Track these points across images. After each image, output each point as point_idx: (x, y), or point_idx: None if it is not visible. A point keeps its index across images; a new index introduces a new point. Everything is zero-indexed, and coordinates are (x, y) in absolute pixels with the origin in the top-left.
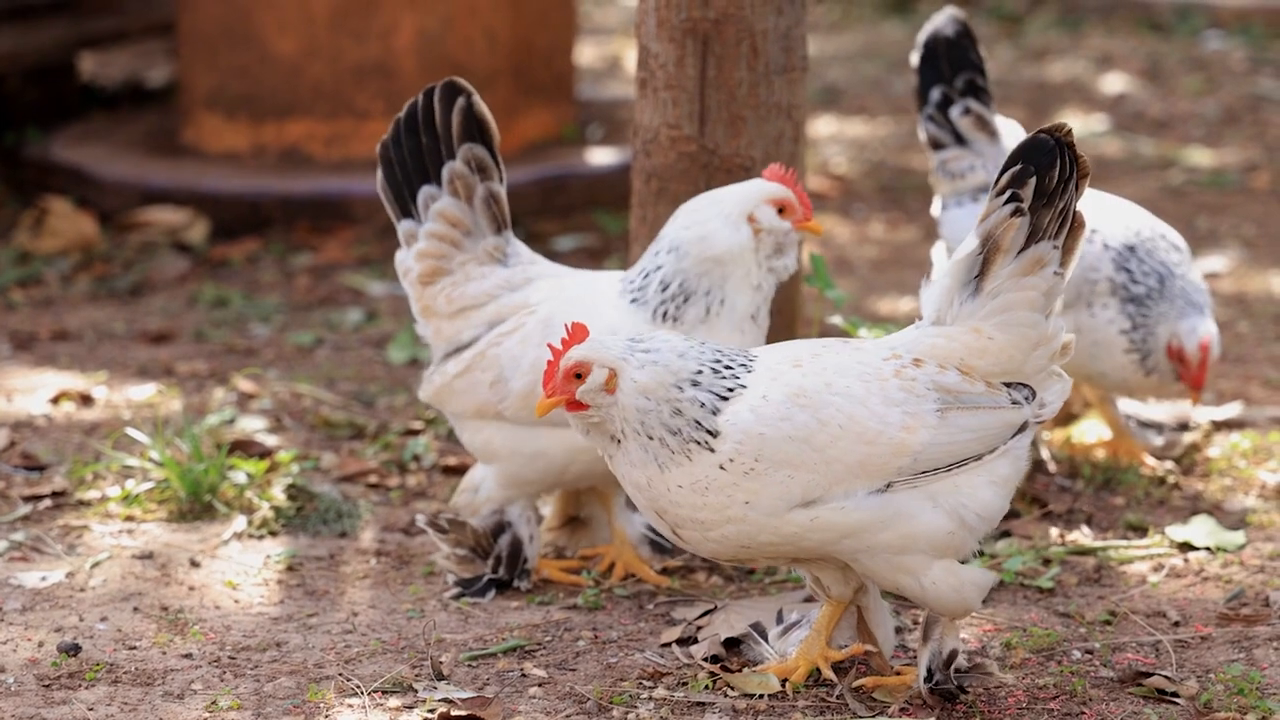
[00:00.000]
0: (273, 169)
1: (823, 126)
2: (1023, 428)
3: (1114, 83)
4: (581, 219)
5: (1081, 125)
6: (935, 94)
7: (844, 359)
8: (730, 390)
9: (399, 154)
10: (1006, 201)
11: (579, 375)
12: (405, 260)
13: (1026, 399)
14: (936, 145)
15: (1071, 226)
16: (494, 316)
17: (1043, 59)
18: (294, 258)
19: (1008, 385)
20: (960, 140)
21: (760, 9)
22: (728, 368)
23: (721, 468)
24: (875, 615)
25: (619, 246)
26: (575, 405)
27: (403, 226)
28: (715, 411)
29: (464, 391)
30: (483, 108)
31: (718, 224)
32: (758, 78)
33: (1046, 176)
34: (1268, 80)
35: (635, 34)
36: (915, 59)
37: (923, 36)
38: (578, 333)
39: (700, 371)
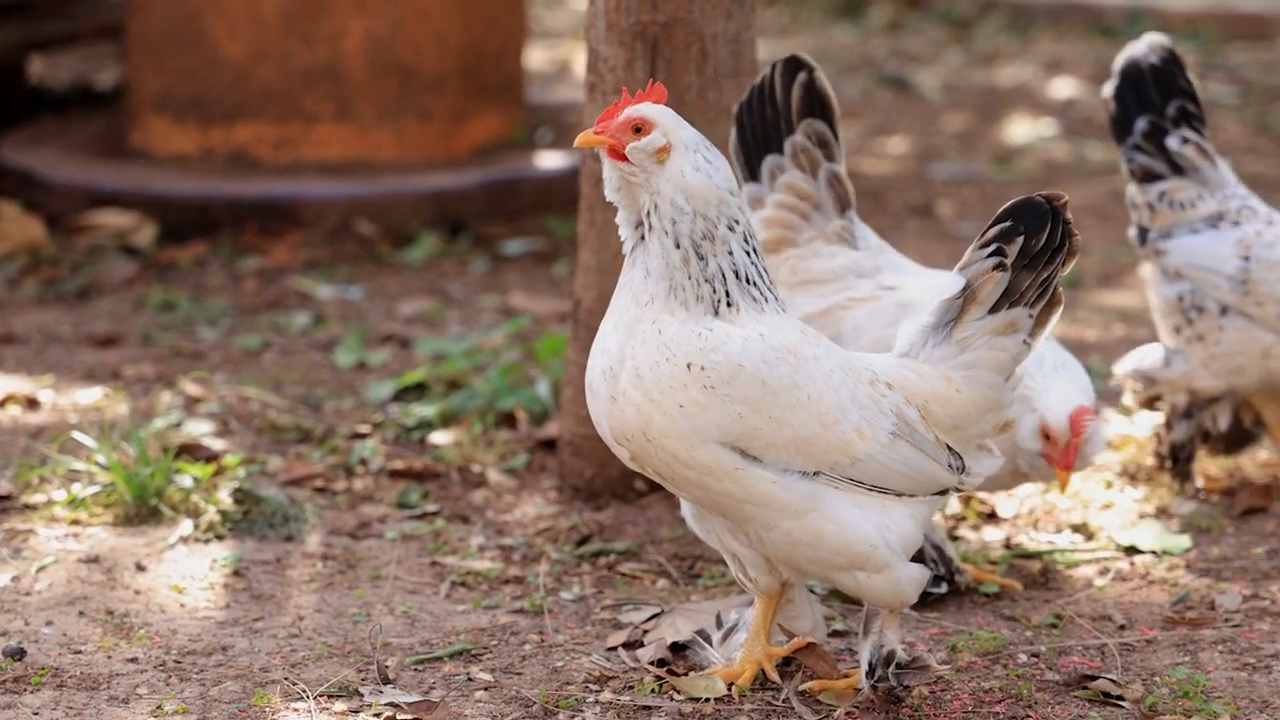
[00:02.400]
0: (221, 172)
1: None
2: (944, 491)
3: (1063, 87)
4: (530, 223)
5: (1030, 130)
6: (1142, 124)
7: (836, 350)
8: (747, 302)
9: (750, 119)
10: (991, 255)
11: (638, 130)
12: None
13: (959, 469)
14: (1149, 177)
15: (1049, 301)
16: (838, 295)
17: (992, 64)
18: (242, 261)
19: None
20: (1178, 170)
21: (710, 13)
22: (759, 284)
23: (689, 366)
24: (799, 606)
25: (568, 250)
26: (618, 154)
27: (750, 190)
28: (728, 303)
29: None
30: (824, 83)
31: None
32: (707, 81)
33: (1034, 239)
34: (1217, 85)
35: (585, 37)
36: (1111, 87)
37: (1120, 64)
38: (655, 92)
39: (746, 238)
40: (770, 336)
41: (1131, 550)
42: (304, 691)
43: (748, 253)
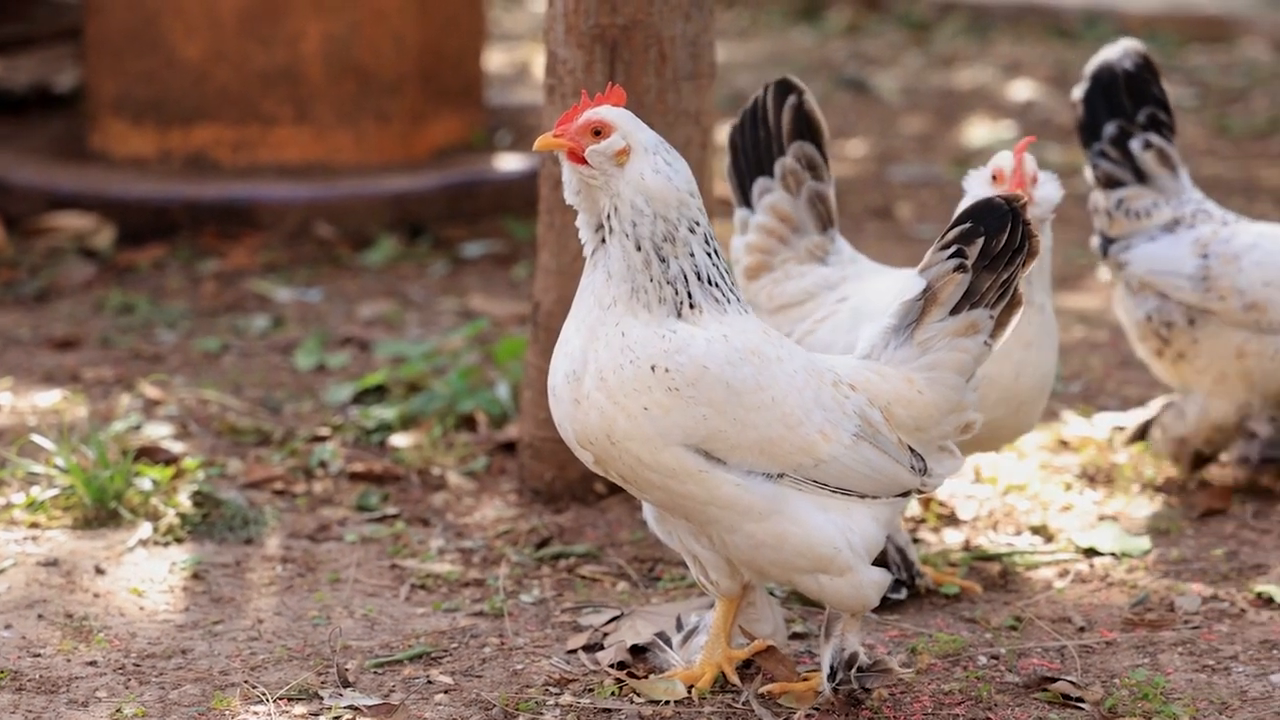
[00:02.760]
0: (179, 174)
1: (734, 123)
2: (907, 493)
3: (1022, 90)
4: (490, 225)
5: (990, 132)
6: (1110, 129)
7: (799, 352)
8: (709, 303)
9: (743, 142)
10: (951, 256)
11: (597, 133)
12: (736, 250)
13: (921, 471)
14: (1111, 183)
15: (1010, 302)
16: (805, 322)
17: (951, 66)
18: (201, 264)
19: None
20: (1141, 177)
21: (668, 15)
22: (720, 285)
23: (653, 369)
24: (760, 609)
25: (527, 253)
26: (577, 158)
27: (739, 214)
28: (691, 304)
29: None
30: (813, 105)
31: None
32: (665, 84)
33: (994, 240)
34: (1175, 87)
35: (544, 40)
36: (1081, 90)
37: (1092, 68)
38: (615, 95)
39: (706, 240)
40: (734, 338)
41: (1091, 552)
42: (264, 694)
43: (709, 254)
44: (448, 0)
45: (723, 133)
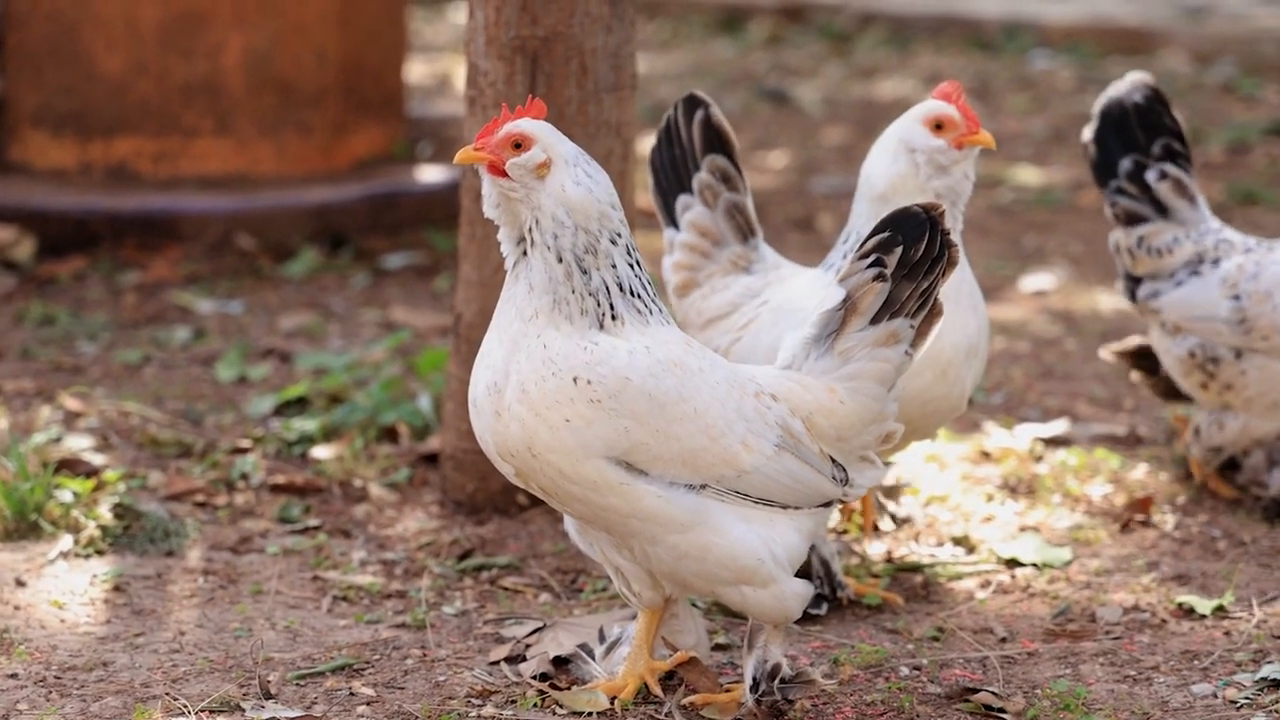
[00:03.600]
0: (100, 186)
1: (652, 145)
2: (829, 504)
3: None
4: (412, 236)
5: None
6: (1126, 164)
7: (721, 362)
8: (631, 314)
9: (661, 162)
10: (870, 265)
11: (518, 146)
12: (666, 271)
13: (843, 481)
14: (1132, 220)
15: (930, 312)
16: (730, 334)
17: (872, 77)
18: (122, 275)
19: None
20: (1161, 210)
21: (589, 27)
22: (642, 296)
23: (575, 381)
24: (683, 620)
25: (449, 264)
26: (498, 170)
27: (666, 235)
28: (613, 315)
29: None
30: (720, 118)
31: (876, 159)
32: (587, 95)
33: (913, 249)
34: (1094, 99)
35: (465, 51)
36: (1091, 130)
37: (1101, 104)
38: (535, 108)
39: (628, 251)
40: (656, 349)
41: (1013, 563)
42: (185, 707)
43: (631, 265)
44: (369, 12)
45: (645, 144)
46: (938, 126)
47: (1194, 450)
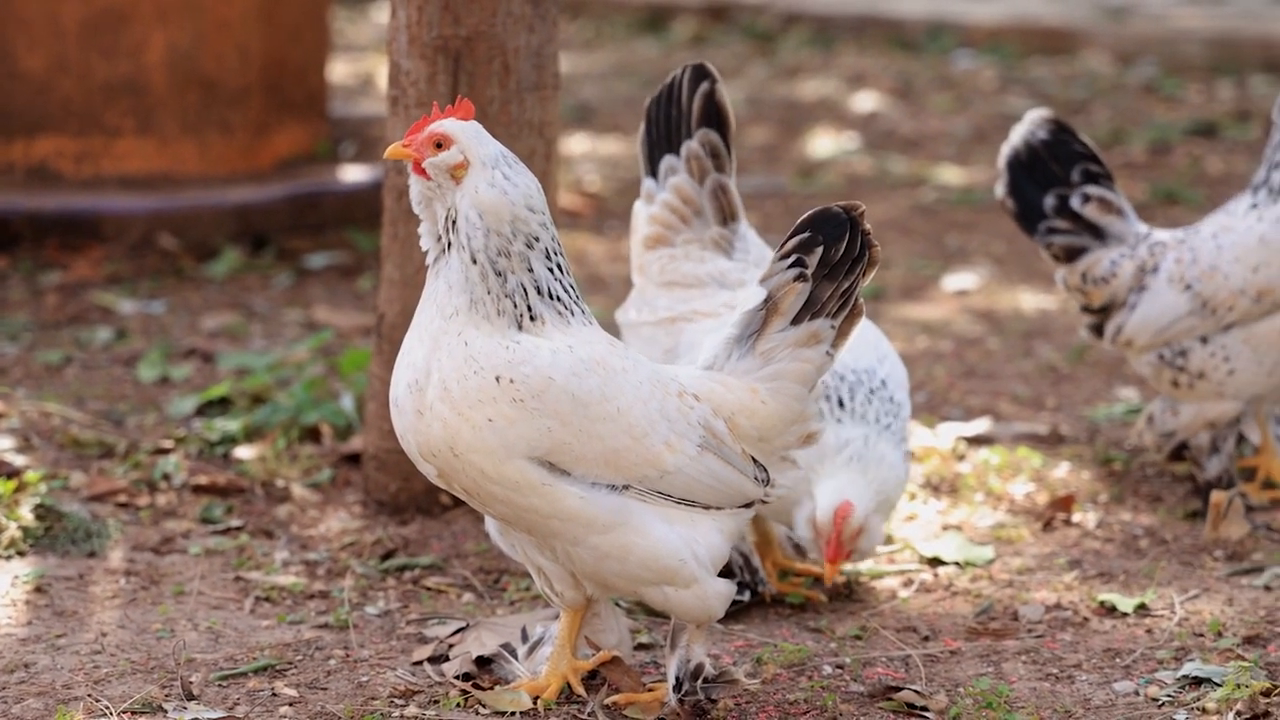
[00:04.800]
0: (21, 186)
1: (576, 144)
2: (750, 504)
3: (865, 101)
4: (334, 236)
5: (833, 144)
6: (1050, 200)
7: (644, 362)
8: (551, 315)
9: (657, 115)
10: (791, 265)
11: (439, 145)
12: (638, 217)
13: (764, 481)
14: (1073, 254)
15: (851, 312)
16: (695, 302)
17: (795, 77)
18: (43, 275)
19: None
20: (1096, 234)
21: (512, 27)
22: (563, 299)
23: (497, 379)
24: (605, 620)
25: (372, 264)
26: (421, 170)
27: (644, 184)
28: (531, 316)
29: (637, 343)
30: (724, 97)
31: None
32: (509, 95)
33: (833, 249)
34: (1017, 99)
35: (387, 51)
36: (1002, 187)
37: (1003, 159)
38: (463, 108)
39: (548, 254)
40: (579, 348)
41: (935, 562)
42: (107, 708)
43: (551, 269)
44: (292, 11)
45: (568, 144)
46: (814, 528)
47: (1147, 437)
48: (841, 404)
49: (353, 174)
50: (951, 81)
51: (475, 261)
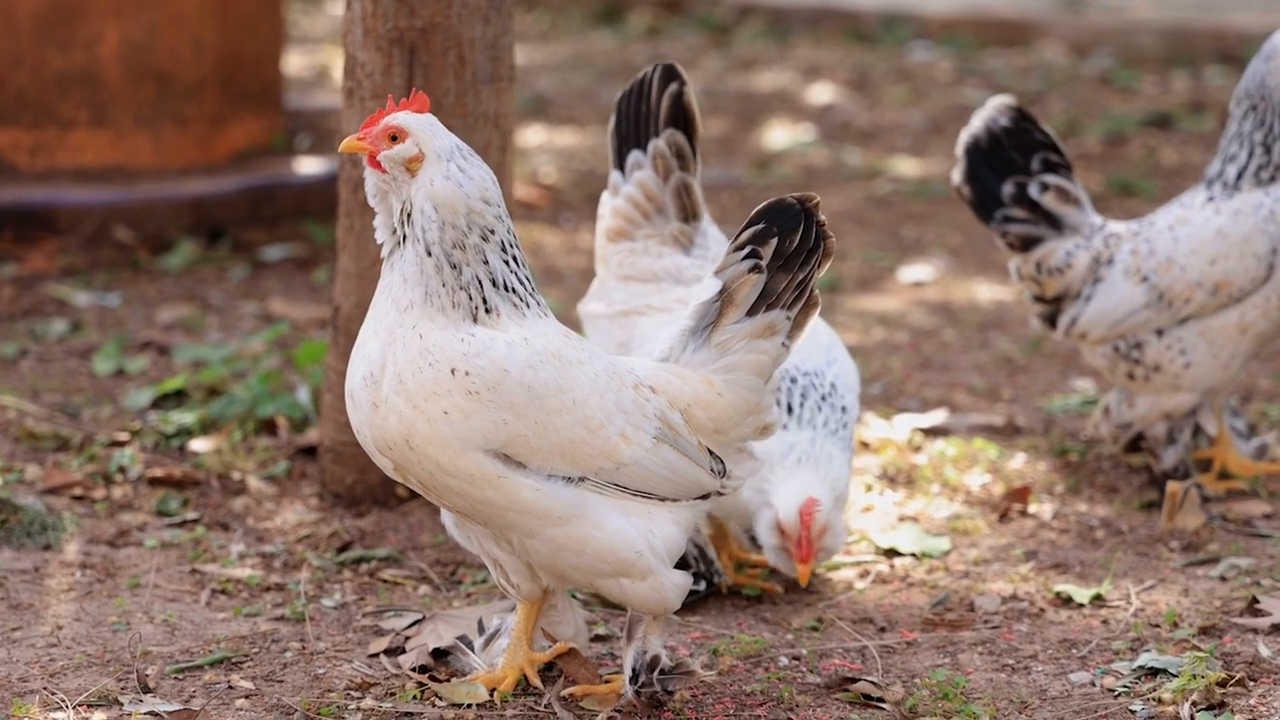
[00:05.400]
0: None
1: (531, 136)
2: (706, 496)
3: (821, 93)
4: (290, 228)
5: (789, 136)
6: (1009, 188)
7: (600, 354)
8: (507, 308)
9: (627, 109)
10: (746, 257)
11: (394, 138)
12: (603, 208)
13: (720, 473)
14: (1028, 244)
15: (806, 303)
16: (651, 297)
17: (751, 69)
18: None
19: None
20: (1053, 223)
21: (467, 18)
22: (518, 291)
23: (452, 372)
24: (562, 612)
25: (328, 256)
26: (376, 163)
27: (613, 175)
28: (487, 309)
29: (594, 334)
30: (692, 99)
31: None
32: (465, 87)
33: (788, 239)
34: (973, 90)
35: (343, 43)
36: (959, 174)
37: (962, 145)
38: (418, 101)
39: (504, 246)
40: (535, 340)
41: (891, 553)
42: (63, 701)
43: (506, 261)
44: (247, 4)
45: (524, 136)
46: (781, 532)
47: (1103, 428)
48: (790, 410)
49: (308, 166)
50: (907, 73)
51: (430, 254)
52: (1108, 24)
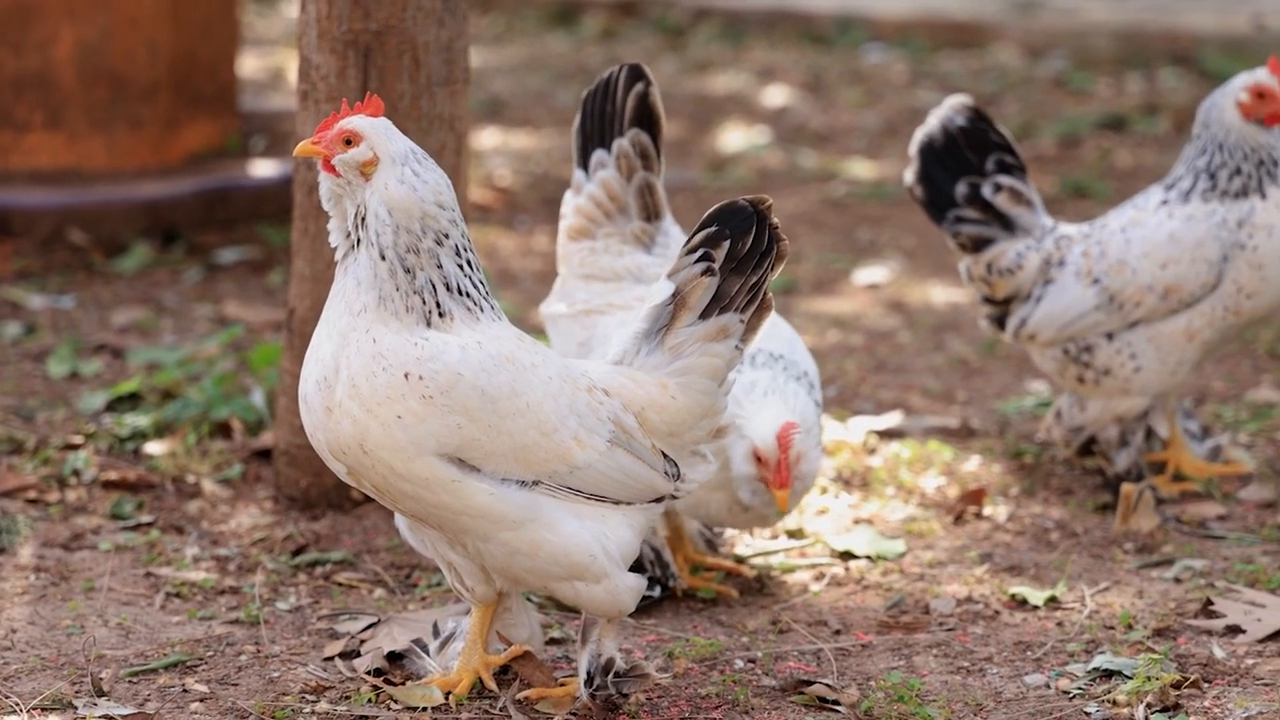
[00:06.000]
0: None
1: (486, 138)
2: (661, 499)
3: (776, 95)
4: (245, 231)
5: (744, 138)
6: (962, 188)
7: (554, 357)
8: (461, 312)
9: (592, 108)
10: (698, 260)
11: (348, 142)
12: (566, 206)
13: (674, 476)
14: (979, 245)
15: (760, 306)
16: (611, 295)
17: (706, 72)
18: None
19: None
20: (1006, 224)
21: (422, 21)
22: (472, 295)
23: (406, 376)
24: (516, 615)
25: (282, 259)
26: (330, 167)
27: (575, 175)
28: (440, 313)
29: (556, 335)
30: (657, 100)
31: None
32: (419, 90)
33: (740, 242)
34: (927, 92)
35: (297, 45)
36: (912, 174)
37: (917, 145)
38: (372, 104)
39: (458, 250)
40: (488, 344)
41: (846, 555)
42: (17, 705)
43: (460, 265)
44: (201, 6)
45: (478, 139)
46: (758, 460)
47: (1055, 432)
48: (748, 363)
49: (263, 169)
50: (862, 75)
51: (384, 258)
52: (1061, 26)
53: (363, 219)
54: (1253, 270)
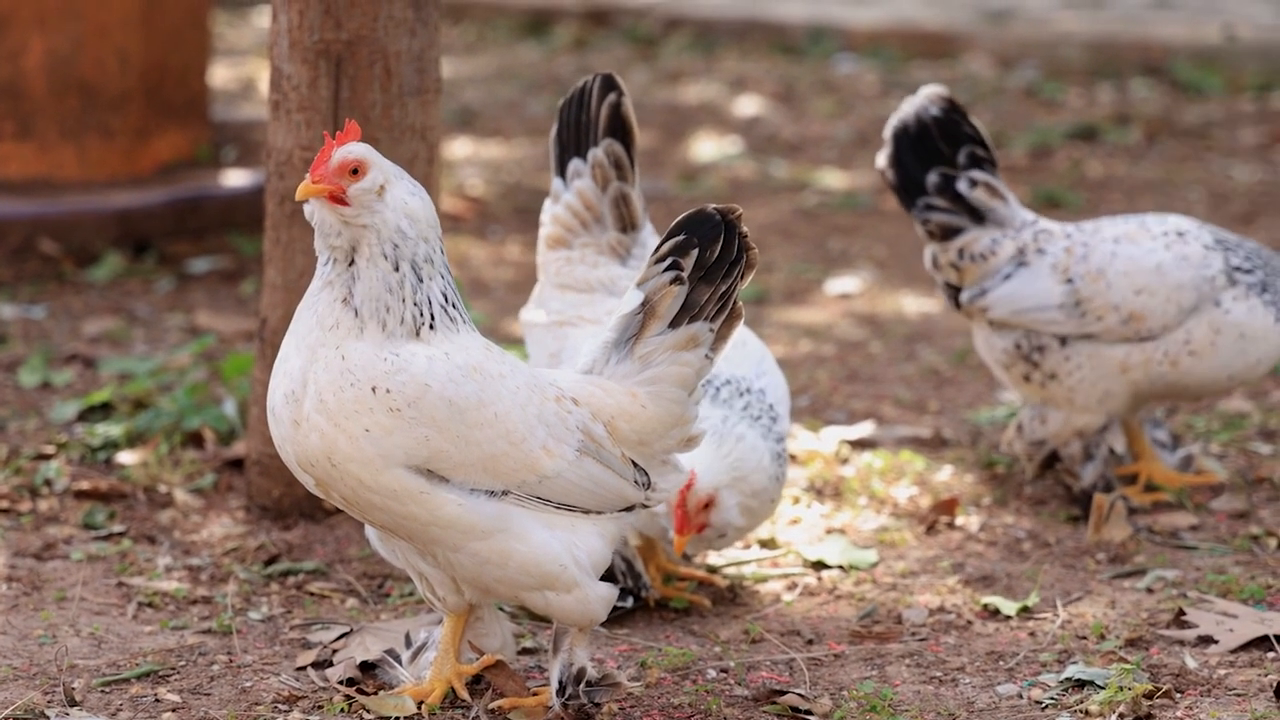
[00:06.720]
0: None
1: (458, 148)
2: (631, 508)
3: (748, 105)
4: (216, 241)
5: (716, 148)
6: (933, 178)
7: (522, 367)
8: (444, 323)
9: (568, 117)
10: (667, 269)
11: (355, 172)
12: (544, 215)
13: (644, 485)
14: (949, 233)
15: (730, 315)
16: (583, 308)
17: (678, 81)
18: None
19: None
20: (978, 217)
21: (393, 31)
22: (456, 305)
23: (373, 390)
24: (488, 624)
25: (254, 269)
26: (339, 199)
27: (554, 184)
28: (431, 325)
29: (531, 343)
30: (629, 110)
31: None
32: (391, 99)
33: (708, 250)
34: (899, 102)
35: (269, 55)
36: (884, 157)
37: (891, 129)
38: (353, 131)
39: (445, 259)
40: (455, 355)
41: (819, 565)
42: None
43: (444, 274)
44: (172, 16)
45: (450, 148)
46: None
47: (1016, 446)
48: (711, 395)
49: (234, 178)
50: (833, 86)
51: (398, 269)
52: (1033, 36)
53: (378, 235)
54: (1209, 332)
